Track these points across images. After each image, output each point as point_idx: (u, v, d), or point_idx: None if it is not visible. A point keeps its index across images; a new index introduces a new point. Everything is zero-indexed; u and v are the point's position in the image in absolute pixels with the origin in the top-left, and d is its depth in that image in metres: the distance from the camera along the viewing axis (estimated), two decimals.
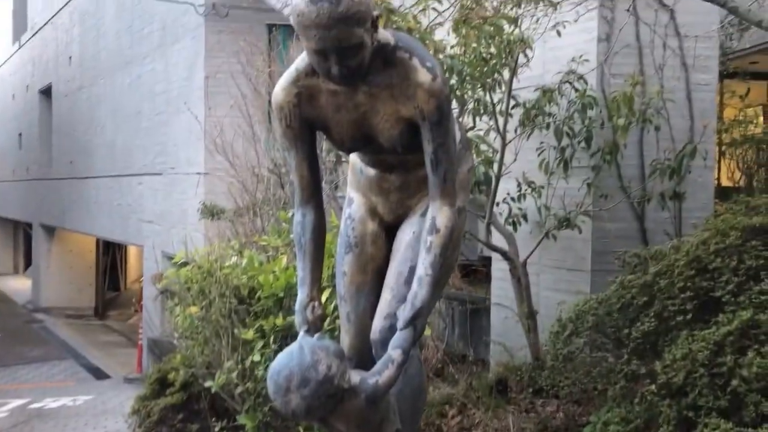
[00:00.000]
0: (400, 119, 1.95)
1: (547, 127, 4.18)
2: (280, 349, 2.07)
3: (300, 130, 2.00)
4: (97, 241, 15.75)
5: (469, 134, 4.15)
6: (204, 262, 3.81)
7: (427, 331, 3.22)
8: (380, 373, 1.75)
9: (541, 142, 4.21)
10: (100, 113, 12.97)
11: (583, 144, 4.04)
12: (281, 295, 3.36)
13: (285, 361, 1.67)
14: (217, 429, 3.69)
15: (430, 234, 1.96)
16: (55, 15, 15.61)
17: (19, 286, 19.10)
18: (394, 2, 3.80)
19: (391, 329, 2.00)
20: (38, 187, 16.79)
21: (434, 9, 3.99)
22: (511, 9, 3.93)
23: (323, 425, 1.84)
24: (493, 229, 4.23)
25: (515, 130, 4.17)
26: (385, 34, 1.90)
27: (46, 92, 16.69)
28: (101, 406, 8.14)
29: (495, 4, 3.95)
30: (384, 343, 2.01)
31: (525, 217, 4.21)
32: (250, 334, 3.20)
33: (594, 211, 4.06)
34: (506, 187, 4.21)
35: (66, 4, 14.79)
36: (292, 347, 1.71)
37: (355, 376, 1.75)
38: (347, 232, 2.23)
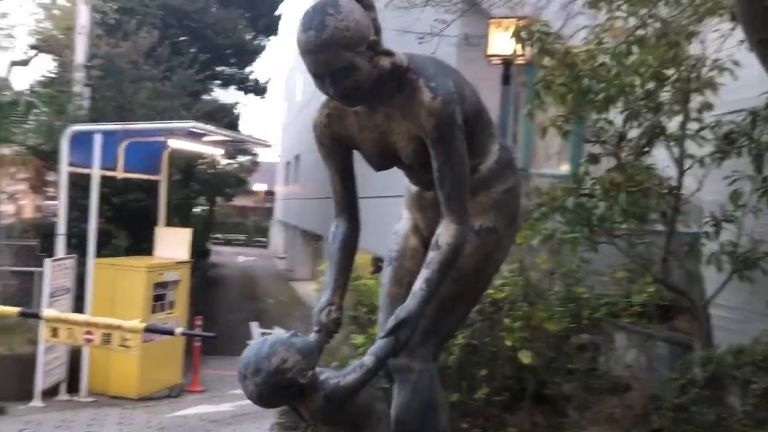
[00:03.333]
0: (411, 138, 2.02)
1: (749, 152, 3.69)
2: None
3: (331, 148, 2.17)
4: (373, 258, 17.15)
5: (645, 161, 3.87)
6: None
7: (526, 359, 3.09)
8: (345, 376, 1.84)
9: (734, 171, 3.73)
10: None
11: None
12: None
13: (249, 351, 1.85)
14: None
15: (432, 250, 1.99)
16: None
17: (313, 291, 21.62)
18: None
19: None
20: (330, 204, 18.86)
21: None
22: (689, 24, 3.58)
23: (294, 413, 1.98)
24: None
25: (701, 159, 3.75)
26: (400, 57, 1.99)
27: None
28: None
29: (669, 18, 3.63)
30: None
31: (732, 254, 3.68)
32: None
33: None
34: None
35: None
36: (261, 340, 1.89)
37: (324, 375, 1.86)
38: (391, 246, 2.34)
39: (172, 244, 9.25)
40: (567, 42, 3.64)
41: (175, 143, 9.11)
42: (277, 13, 20.78)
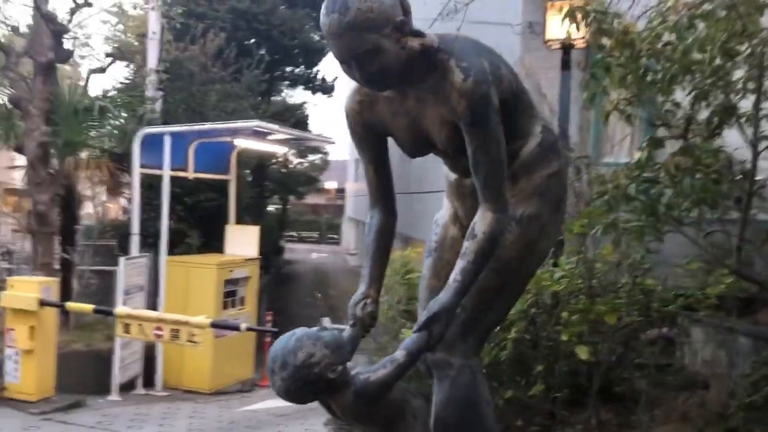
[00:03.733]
0: (444, 122, 1.93)
1: None
2: None
3: (364, 136, 2.11)
4: None
5: (715, 143, 3.64)
6: None
7: (583, 354, 2.92)
8: (376, 371, 1.77)
9: None
10: None
11: None
12: None
13: (277, 345, 1.81)
14: None
15: (467, 239, 1.90)
16: None
17: None
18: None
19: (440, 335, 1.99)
20: (400, 199, 18.87)
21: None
22: None
23: (326, 409, 1.92)
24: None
25: None
26: (430, 38, 1.91)
27: None
28: None
29: None
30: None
31: None
32: None
33: None
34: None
35: None
36: (289, 333, 1.84)
37: (355, 370, 1.80)
38: (431, 237, 2.25)
39: (242, 241, 9.42)
40: (626, 21, 3.44)
41: (241, 143, 9.26)
42: None
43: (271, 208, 22.82)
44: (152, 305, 8.18)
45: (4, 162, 12.71)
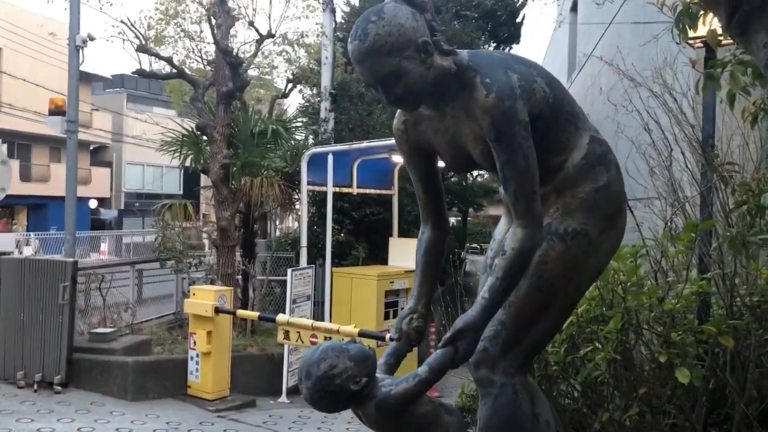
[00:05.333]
0: (477, 138, 1.94)
1: None
2: None
3: (410, 154, 2.16)
4: None
5: None
6: None
7: (683, 378, 2.68)
8: (398, 385, 1.81)
9: None
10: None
11: None
12: None
13: (307, 356, 1.91)
14: None
15: (497, 256, 1.88)
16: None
17: None
18: None
19: (483, 352, 1.99)
20: None
21: None
22: None
23: (359, 418, 1.98)
24: None
25: None
26: (461, 56, 1.93)
27: None
28: None
29: None
30: (475, 365, 2.01)
31: None
32: None
33: None
34: None
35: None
36: (318, 345, 1.93)
37: (384, 383, 1.85)
38: (487, 253, 2.25)
39: (404, 253, 9.68)
40: None
41: (398, 159, 9.56)
42: (518, 20, 20.70)
43: (451, 220, 23.08)
44: (320, 314, 8.70)
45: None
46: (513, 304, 1.96)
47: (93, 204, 34.10)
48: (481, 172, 22.71)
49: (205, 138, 9.52)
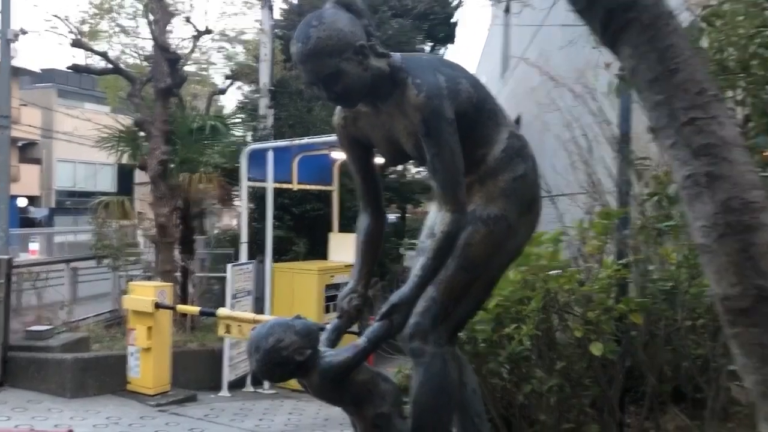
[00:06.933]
0: (410, 134, 2.15)
1: None
2: None
3: (350, 148, 2.36)
4: None
5: None
6: None
7: (596, 351, 2.97)
8: (338, 355, 2.00)
9: None
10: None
11: None
12: None
13: (254, 331, 2.09)
14: None
15: (429, 238, 2.10)
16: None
17: None
18: None
19: (415, 326, 2.20)
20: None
21: None
22: None
23: (303, 388, 2.17)
24: None
25: None
26: (394, 58, 2.13)
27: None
28: None
29: None
30: (409, 337, 2.22)
31: None
32: None
33: None
34: None
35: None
36: (264, 322, 2.11)
37: (325, 354, 2.05)
38: (420, 237, 2.46)
39: (344, 248, 9.85)
40: None
41: (338, 155, 9.73)
42: (453, 20, 21.09)
43: (391, 217, 23.31)
44: (261, 309, 8.80)
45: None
46: (442, 281, 2.17)
47: (22, 202, 33.01)
48: (419, 169, 23.08)
49: (142, 134, 9.47)
